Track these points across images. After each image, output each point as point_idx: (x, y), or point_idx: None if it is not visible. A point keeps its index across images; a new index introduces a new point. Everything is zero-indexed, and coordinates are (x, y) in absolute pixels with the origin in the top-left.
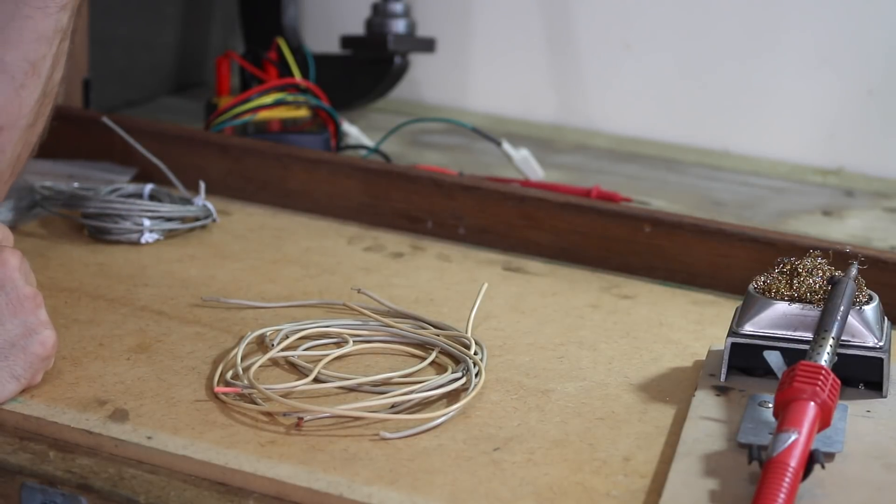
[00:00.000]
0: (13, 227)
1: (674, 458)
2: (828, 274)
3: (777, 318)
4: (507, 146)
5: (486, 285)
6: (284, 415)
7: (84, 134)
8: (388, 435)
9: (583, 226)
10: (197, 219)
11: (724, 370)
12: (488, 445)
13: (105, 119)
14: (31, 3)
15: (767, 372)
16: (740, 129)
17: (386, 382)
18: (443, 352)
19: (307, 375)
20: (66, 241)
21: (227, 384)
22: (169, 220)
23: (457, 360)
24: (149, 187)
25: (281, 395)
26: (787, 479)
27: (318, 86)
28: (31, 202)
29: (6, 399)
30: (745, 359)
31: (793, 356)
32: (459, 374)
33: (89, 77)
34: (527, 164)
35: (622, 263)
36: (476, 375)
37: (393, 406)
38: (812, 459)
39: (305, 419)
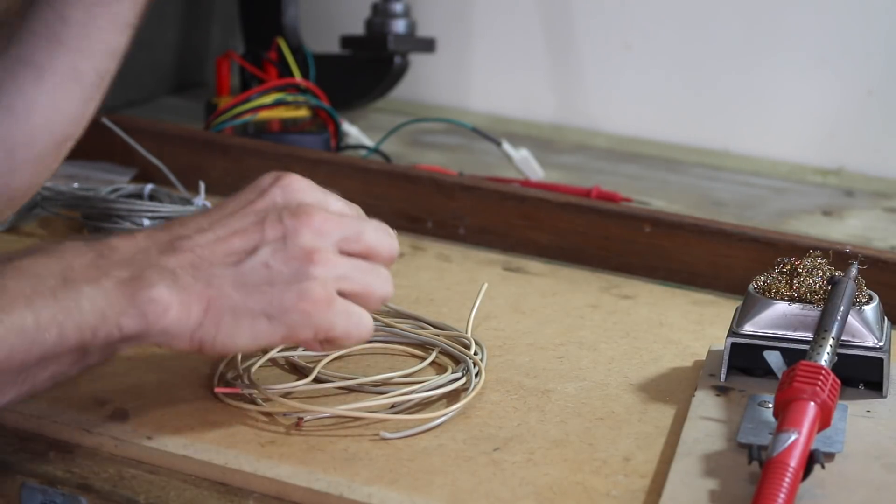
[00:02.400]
0: (13, 227)
1: (674, 458)
2: (828, 274)
3: (777, 318)
4: (507, 146)
5: (486, 285)
6: (285, 415)
7: (84, 134)
8: (388, 435)
9: (583, 226)
10: None
11: (724, 370)
12: (488, 445)
13: (105, 120)
14: (105, 15)
15: (767, 372)
16: (740, 129)
17: (386, 382)
18: (443, 352)
19: (307, 375)
20: None
21: (227, 384)
22: (169, 220)
23: (457, 360)
24: (149, 187)
25: (281, 396)
26: (787, 479)
27: (318, 86)
28: (32, 202)
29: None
30: (745, 359)
31: (793, 356)
32: (459, 374)
33: None
34: (527, 164)
35: (622, 263)
36: (476, 375)
37: (393, 406)
38: (812, 459)
39: (305, 419)
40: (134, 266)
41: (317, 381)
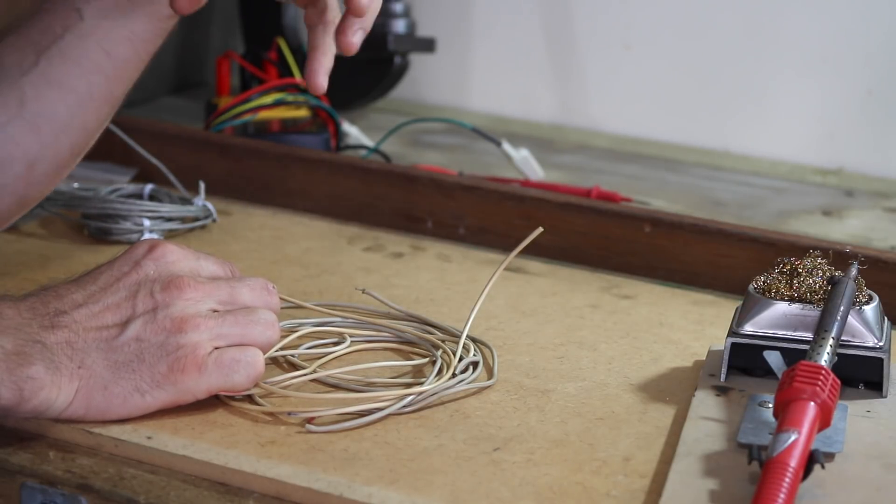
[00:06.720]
0: (14, 226)
1: (674, 458)
2: (828, 274)
3: (777, 318)
4: (507, 146)
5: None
6: (290, 414)
7: None
8: (313, 428)
9: (583, 226)
10: (197, 219)
11: (724, 370)
12: (488, 445)
13: None
14: (124, 38)
15: (767, 372)
16: (740, 129)
17: (386, 382)
18: (444, 352)
19: (307, 375)
20: (66, 241)
21: None
22: (169, 220)
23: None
24: (149, 187)
25: (281, 395)
26: (787, 480)
27: None
28: None
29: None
30: (745, 359)
31: (793, 356)
32: (460, 374)
33: None
34: (527, 164)
35: (622, 263)
36: (475, 372)
37: (394, 405)
38: (812, 459)
39: (313, 418)
40: (17, 338)
41: (317, 380)
